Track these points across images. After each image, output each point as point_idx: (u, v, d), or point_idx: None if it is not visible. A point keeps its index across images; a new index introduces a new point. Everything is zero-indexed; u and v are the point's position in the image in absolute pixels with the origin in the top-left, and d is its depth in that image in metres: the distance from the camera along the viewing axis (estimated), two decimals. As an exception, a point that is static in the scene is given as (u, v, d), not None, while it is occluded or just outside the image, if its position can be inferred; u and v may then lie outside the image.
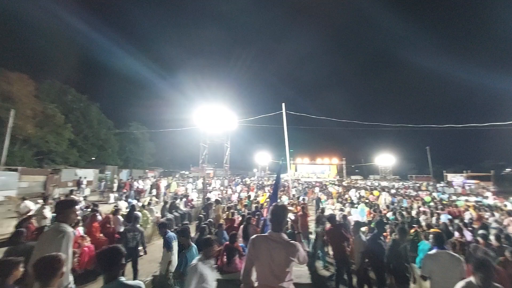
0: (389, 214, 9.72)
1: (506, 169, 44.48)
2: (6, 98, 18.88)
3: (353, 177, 46.15)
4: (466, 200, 15.70)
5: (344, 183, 33.19)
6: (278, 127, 16.35)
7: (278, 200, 6.09)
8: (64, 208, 2.75)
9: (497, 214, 9.81)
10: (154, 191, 15.98)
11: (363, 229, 8.12)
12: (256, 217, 7.35)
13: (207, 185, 18.80)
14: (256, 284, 2.06)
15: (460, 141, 63.36)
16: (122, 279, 1.90)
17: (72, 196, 9.88)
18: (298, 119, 18.10)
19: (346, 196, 16.25)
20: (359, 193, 18.09)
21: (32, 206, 7.87)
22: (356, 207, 10.58)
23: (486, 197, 18.38)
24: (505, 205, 13.99)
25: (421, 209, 11.11)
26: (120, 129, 32.20)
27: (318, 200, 13.35)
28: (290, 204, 10.78)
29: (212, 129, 21.43)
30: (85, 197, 13.57)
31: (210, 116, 20.39)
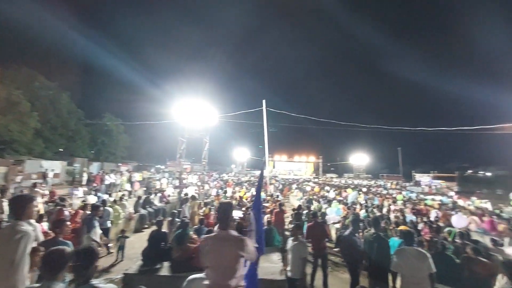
0: (362, 212, 10.02)
1: (469, 171, 48.29)
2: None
3: (328, 175, 47.46)
4: (433, 199, 16.66)
5: (319, 181, 34.09)
6: (258, 124, 16.49)
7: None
8: (20, 205, 2.46)
9: (460, 213, 10.41)
10: (128, 186, 15.31)
11: (337, 226, 8.34)
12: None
13: (183, 180, 18.41)
14: (207, 282, 2.03)
15: (429, 143, 67.60)
16: (95, 282, 1.75)
17: (36, 189, 9.18)
18: (278, 117, 18.65)
19: (323, 193, 16.61)
20: (334, 191, 18.55)
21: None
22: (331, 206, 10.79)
23: (450, 197, 19.70)
24: (468, 204, 15.01)
25: (392, 207, 11.46)
26: (92, 120, 30.52)
27: (310, 201, 12.64)
28: (265, 201, 10.76)
29: (192, 123, 21.01)
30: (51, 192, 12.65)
31: (190, 111, 19.96)
